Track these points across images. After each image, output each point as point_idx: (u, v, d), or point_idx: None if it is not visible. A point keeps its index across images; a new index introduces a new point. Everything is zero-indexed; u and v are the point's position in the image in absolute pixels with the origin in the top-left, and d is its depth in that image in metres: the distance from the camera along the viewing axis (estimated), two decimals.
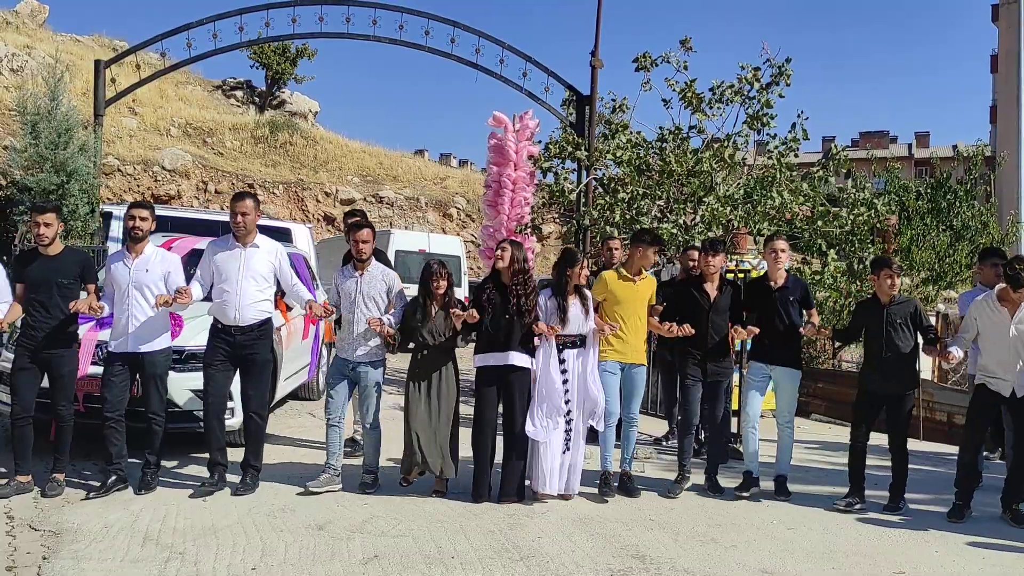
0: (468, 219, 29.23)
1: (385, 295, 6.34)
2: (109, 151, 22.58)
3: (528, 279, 6.17)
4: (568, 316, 6.16)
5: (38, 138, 12.63)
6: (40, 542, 5.01)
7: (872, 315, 6.36)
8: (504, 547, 5.21)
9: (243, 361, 6.13)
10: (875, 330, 6.31)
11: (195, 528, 5.32)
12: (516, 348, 6.08)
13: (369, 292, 6.28)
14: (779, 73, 10.43)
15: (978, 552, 5.44)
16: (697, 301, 6.58)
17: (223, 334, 6.10)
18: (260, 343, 6.13)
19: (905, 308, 6.29)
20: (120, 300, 6.05)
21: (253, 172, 27.14)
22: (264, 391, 6.26)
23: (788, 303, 6.45)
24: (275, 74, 34.07)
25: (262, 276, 6.14)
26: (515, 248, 6.19)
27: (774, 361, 6.54)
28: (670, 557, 5.15)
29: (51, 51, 22.75)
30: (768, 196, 10.24)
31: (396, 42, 13.28)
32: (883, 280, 6.30)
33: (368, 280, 6.31)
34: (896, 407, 6.32)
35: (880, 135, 61.81)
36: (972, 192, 20.14)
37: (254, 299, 6.08)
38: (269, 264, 6.19)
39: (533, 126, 11.76)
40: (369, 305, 6.26)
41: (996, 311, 6.03)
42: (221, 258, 6.11)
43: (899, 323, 6.23)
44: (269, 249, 6.23)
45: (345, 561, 4.88)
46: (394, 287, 6.39)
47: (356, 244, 6.32)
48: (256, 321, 6.11)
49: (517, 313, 6.04)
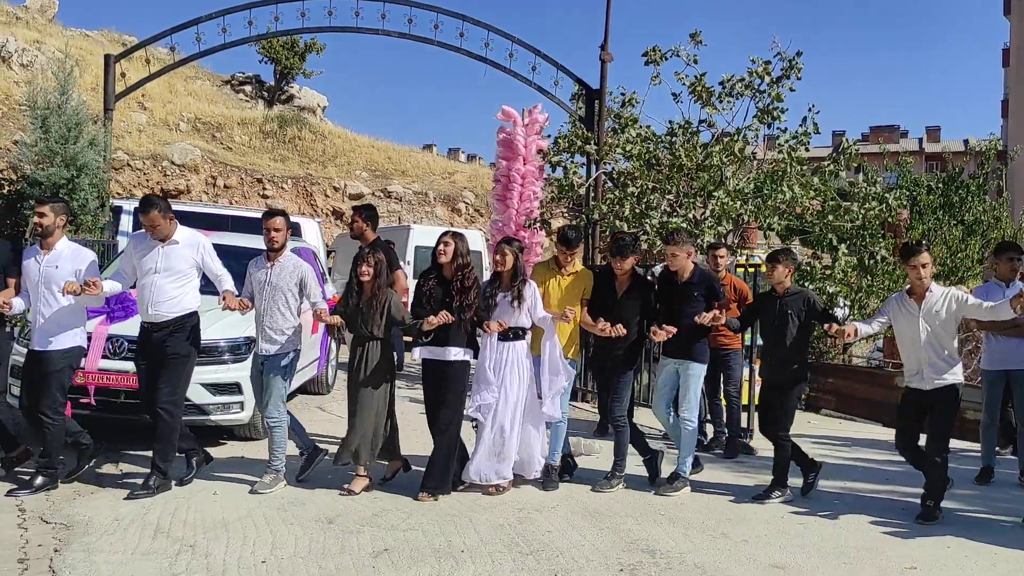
0: (477, 214, 29.19)
1: (297, 287, 6.21)
2: (118, 146, 22.64)
3: (469, 273, 6.12)
4: (505, 306, 6.17)
5: (48, 133, 12.66)
6: (52, 534, 5.03)
7: (767, 306, 6.44)
8: (514, 541, 5.21)
9: (157, 355, 5.95)
10: (769, 321, 6.38)
11: (205, 521, 5.34)
12: (455, 343, 6.07)
13: (278, 283, 6.16)
14: (789, 67, 10.38)
15: (990, 549, 5.40)
16: (606, 298, 6.54)
17: (142, 331, 6.02)
18: (173, 338, 5.91)
19: (798, 299, 6.33)
20: (33, 296, 5.98)
21: (262, 167, 27.18)
22: (176, 387, 5.97)
23: (692, 297, 6.39)
24: (284, 69, 34.07)
25: (181, 271, 5.97)
26: (458, 242, 6.16)
27: (679, 355, 6.48)
28: (680, 551, 5.14)
29: (61, 46, 22.83)
30: (778, 190, 10.20)
31: (405, 36, 13.25)
32: (781, 273, 6.33)
33: (278, 271, 6.19)
34: (781, 398, 6.36)
35: (891, 129, 61.51)
36: (984, 187, 20.02)
37: (169, 295, 5.90)
38: (190, 259, 6.01)
39: (542, 120, 11.74)
40: (277, 297, 6.13)
41: (907, 307, 6.00)
42: (140, 254, 5.99)
43: (791, 314, 6.27)
44: (190, 244, 6.05)
45: (355, 554, 4.88)
46: (307, 279, 6.25)
47: (267, 233, 6.19)
48: (170, 317, 5.92)
49: (457, 308, 6.02)
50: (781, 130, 10.62)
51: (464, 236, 6.30)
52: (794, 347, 6.31)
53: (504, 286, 6.21)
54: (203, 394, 6.81)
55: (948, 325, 5.89)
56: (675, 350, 6.47)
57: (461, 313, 6.02)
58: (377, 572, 4.63)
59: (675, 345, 6.43)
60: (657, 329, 6.32)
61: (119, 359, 6.70)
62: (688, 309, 6.32)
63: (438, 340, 6.08)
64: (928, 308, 5.89)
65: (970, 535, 5.63)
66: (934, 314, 5.88)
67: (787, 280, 6.35)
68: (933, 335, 5.88)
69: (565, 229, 6.61)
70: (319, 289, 6.39)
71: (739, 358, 8.12)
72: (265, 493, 5.96)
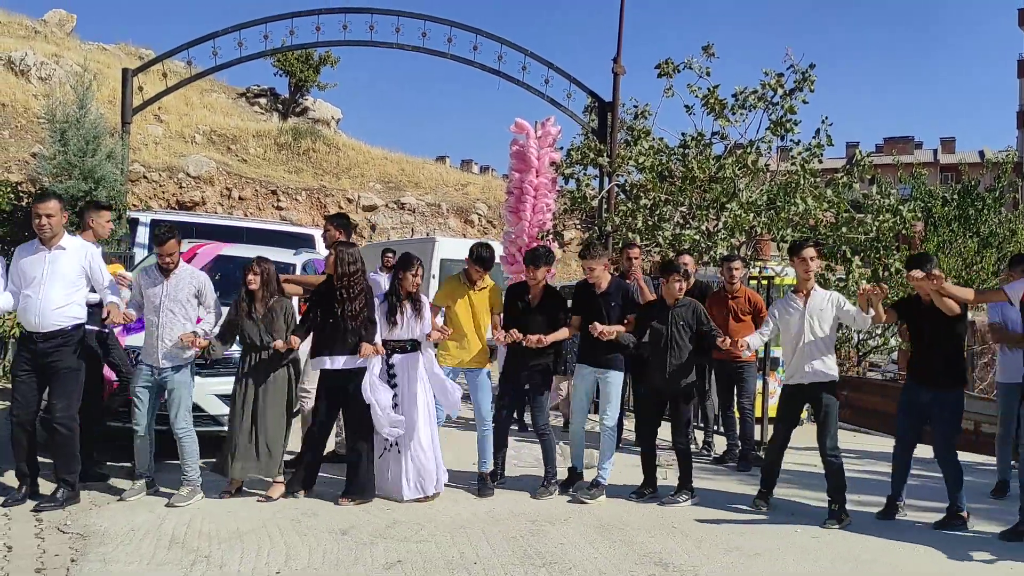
0: (490, 225, 29.24)
1: (195, 299, 6.17)
2: (135, 158, 22.85)
3: (355, 283, 6.14)
4: (399, 320, 6.25)
5: (66, 145, 12.78)
6: (68, 544, 5.07)
7: (658, 316, 6.56)
8: (527, 553, 5.21)
9: (46, 370, 5.77)
10: (658, 330, 6.51)
11: (220, 532, 5.37)
12: (345, 352, 6.11)
13: (176, 296, 6.08)
14: (803, 79, 10.37)
15: (1007, 565, 5.36)
16: (520, 309, 6.71)
17: (27, 341, 5.80)
18: (63, 350, 5.76)
19: (687, 310, 6.51)
20: None
21: (276, 179, 27.35)
22: (71, 402, 5.83)
23: (610, 308, 6.55)
24: (298, 81, 34.32)
25: (69, 280, 5.81)
26: (342, 250, 6.21)
27: (598, 364, 6.63)
28: (693, 565, 5.13)
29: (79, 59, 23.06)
30: (792, 202, 10.16)
31: (419, 50, 13.35)
32: (671, 283, 6.49)
33: (175, 284, 6.11)
34: (675, 407, 6.58)
35: (905, 140, 61.21)
36: (1001, 199, 19.90)
37: (58, 304, 5.73)
38: (78, 266, 5.87)
39: (555, 132, 11.76)
40: (176, 310, 6.06)
41: (793, 305, 6.31)
42: (26, 262, 5.78)
43: (682, 324, 6.46)
44: (77, 250, 5.90)
45: (368, 566, 4.90)
46: (205, 291, 6.22)
47: (161, 257, 6.10)
48: (60, 327, 5.75)
49: (343, 317, 6.06)
50: (794, 142, 10.61)
51: (351, 244, 6.39)
52: (692, 356, 6.52)
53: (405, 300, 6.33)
54: (218, 405, 6.85)
55: (830, 324, 6.22)
56: (593, 359, 6.63)
57: (348, 321, 6.07)
58: None
59: (593, 354, 6.61)
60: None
61: None
62: (606, 318, 6.49)
63: (327, 348, 6.15)
64: (813, 306, 6.23)
65: (987, 549, 5.59)
66: (819, 312, 6.22)
67: (679, 292, 6.53)
68: (818, 331, 6.19)
69: (479, 248, 6.71)
70: (214, 298, 6.34)
71: (753, 371, 8.10)
72: (182, 506, 5.84)
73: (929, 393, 6.15)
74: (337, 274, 6.15)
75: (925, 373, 6.20)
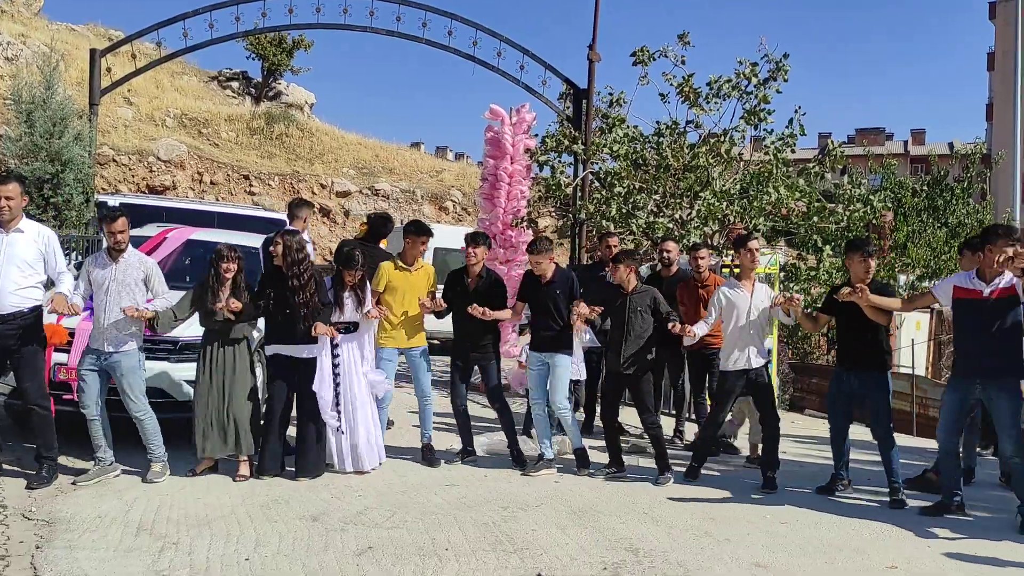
0: (464, 212, 29.17)
1: (143, 284, 6.18)
2: (104, 141, 22.50)
3: (304, 270, 6.26)
4: (343, 304, 6.53)
5: (33, 127, 12.55)
6: (33, 531, 5.01)
7: (616, 302, 6.81)
8: (498, 539, 5.22)
9: (9, 353, 5.81)
10: (619, 316, 6.78)
11: (189, 518, 5.32)
12: (296, 339, 6.28)
13: (123, 280, 6.09)
14: (776, 69, 10.42)
15: (970, 547, 5.44)
16: (459, 292, 7.01)
17: None
18: (24, 333, 5.80)
19: (645, 297, 6.80)
20: None
21: (248, 163, 27.06)
22: (41, 381, 5.92)
23: (555, 296, 6.86)
24: (271, 65, 33.89)
25: (27, 262, 5.82)
26: (288, 239, 6.31)
27: (547, 349, 6.92)
28: (663, 550, 5.16)
29: (46, 40, 22.66)
30: (764, 191, 10.23)
31: (393, 34, 13.24)
32: (624, 274, 6.78)
33: (123, 268, 6.11)
34: (635, 387, 6.80)
35: (876, 132, 61.73)
36: (969, 190, 20.17)
37: (17, 286, 5.75)
38: (36, 250, 5.88)
39: (530, 119, 11.74)
40: (123, 294, 6.06)
41: (739, 292, 6.72)
42: None
43: (640, 310, 6.75)
44: (35, 233, 5.92)
45: (339, 552, 4.88)
46: (153, 276, 6.23)
47: (112, 236, 6.08)
48: (18, 310, 5.77)
49: (294, 305, 6.20)
50: (767, 131, 10.67)
51: (295, 233, 6.49)
52: (648, 340, 6.77)
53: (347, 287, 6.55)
54: (189, 392, 6.77)
55: (767, 314, 6.73)
56: (543, 345, 6.94)
57: (299, 308, 6.20)
58: (361, 570, 4.63)
59: (542, 340, 6.93)
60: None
61: None
62: (551, 307, 6.84)
63: (279, 336, 6.33)
64: (757, 294, 6.72)
65: (951, 535, 5.68)
66: (761, 300, 6.70)
67: (634, 279, 6.83)
68: (761, 318, 6.67)
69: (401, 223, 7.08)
70: (164, 284, 6.34)
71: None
72: (159, 482, 6.02)
73: (856, 378, 6.47)
74: (286, 263, 6.25)
75: (851, 359, 6.55)
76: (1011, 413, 5.83)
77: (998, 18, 42.93)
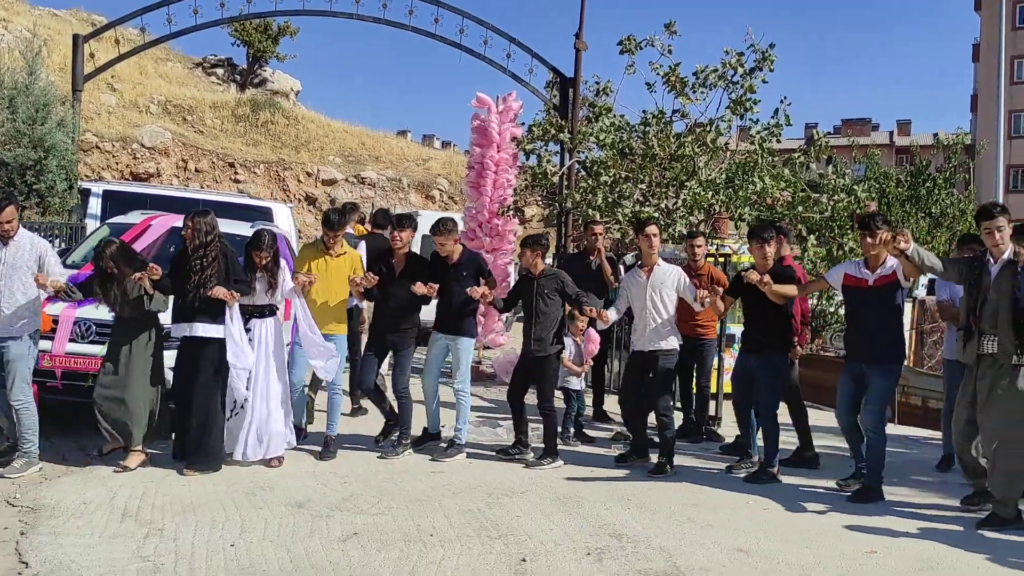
0: (451, 201, 29.14)
1: (35, 265, 6.07)
2: (87, 128, 22.32)
3: (209, 252, 6.20)
4: (256, 287, 6.48)
5: (15, 113, 12.41)
6: (18, 517, 5.01)
7: (525, 287, 7.02)
8: (483, 525, 5.26)
9: None
10: (528, 299, 6.96)
11: (174, 505, 5.33)
12: (199, 319, 6.20)
13: (15, 263, 6.00)
14: (763, 59, 10.43)
15: (948, 532, 5.52)
16: (383, 274, 6.93)
17: None
18: None
19: (553, 281, 6.94)
20: None
21: (233, 151, 26.92)
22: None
23: (461, 277, 6.94)
24: (257, 52, 33.71)
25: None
26: (198, 220, 6.26)
27: (450, 331, 7.03)
28: (647, 536, 5.22)
29: (28, 25, 22.40)
30: (749, 181, 10.27)
31: (379, 21, 13.16)
32: (530, 258, 6.93)
33: (14, 251, 6.02)
34: (538, 369, 6.91)
35: (862, 122, 61.97)
36: (951, 180, 20.33)
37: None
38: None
39: (516, 108, 11.72)
40: (16, 277, 5.97)
41: (638, 278, 6.90)
42: None
43: (547, 293, 6.90)
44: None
45: (324, 538, 4.91)
46: (47, 255, 6.16)
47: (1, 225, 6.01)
48: None
49: (198, 285, 6.12)
50: (753, 121, 10.70)
51: (206, 216, 6.33)
52: (557, 322, 6.94)
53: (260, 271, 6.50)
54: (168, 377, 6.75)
55: (671, 296, 6.82)
56: (446, 326, 7.03)
57: (202, 290, 6.11)
58: (346, 556, 4.67)
59: (446, 321, 7.02)
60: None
61: (86, 343, 6.64)
62: (458, 288, 6.88)
63: (183, 316, 6.24)
64: (656, 278, 6.82)
65: (929, 520, 5.76)
66: (659, 284, 6.80)
67: (540, 264, 6.97)
68: (659, 302, 6.77)
69: (328, 212, 7.02)
70: (59, 266, 6.31)
71: (713, 349, 8.21)
72: (15, 477, 5.76)
73: (755, 359, 6.70)
74: (193, 245, 6.21)
75: (752, 341, 6.79)
76: (882, 392, 6.24)
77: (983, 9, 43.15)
